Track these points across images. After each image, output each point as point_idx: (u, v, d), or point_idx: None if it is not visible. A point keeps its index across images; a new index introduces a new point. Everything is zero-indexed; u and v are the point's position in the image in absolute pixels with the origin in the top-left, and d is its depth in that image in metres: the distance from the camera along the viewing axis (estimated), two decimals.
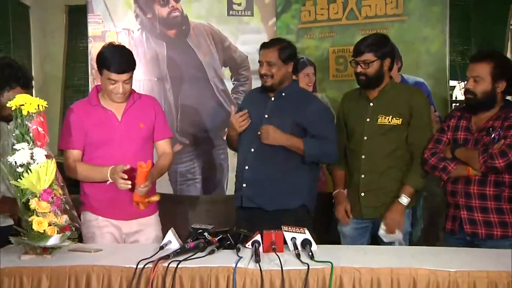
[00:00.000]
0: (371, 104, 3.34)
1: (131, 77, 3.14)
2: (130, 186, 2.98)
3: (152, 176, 3.10)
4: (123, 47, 3.23)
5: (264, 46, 3.41)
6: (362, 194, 3.33)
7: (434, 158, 3.14)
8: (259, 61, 3.40)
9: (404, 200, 3.24)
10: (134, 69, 3.16)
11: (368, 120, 3.33)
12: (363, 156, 3.33)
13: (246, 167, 3.40)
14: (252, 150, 3.39)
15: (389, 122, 3.27)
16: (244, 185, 3.40)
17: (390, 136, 3.28)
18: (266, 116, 3.39)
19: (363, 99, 3.38)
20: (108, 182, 3.04)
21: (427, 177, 3.28)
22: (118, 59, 3.08)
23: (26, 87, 3.14)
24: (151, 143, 3.31)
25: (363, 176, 3.33)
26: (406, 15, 4.22)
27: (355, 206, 3.37)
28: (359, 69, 3.28)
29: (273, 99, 3.42)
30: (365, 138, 3.33)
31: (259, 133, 3.32)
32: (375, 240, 3.36)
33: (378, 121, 3.29)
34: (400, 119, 3.26)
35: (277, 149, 3.31)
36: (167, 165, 3.33)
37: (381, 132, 3.29)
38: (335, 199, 3.49)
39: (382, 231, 3.25)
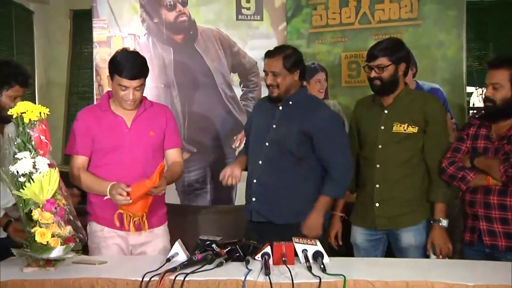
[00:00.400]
0: (386, 111, 3.32)
1: (142, 84, 3.15)
2: (130, 201, 2.96)
3: (165, 179, 3.08)
4: (137, 53, 3.24)
5: (268, 55, 3.38)
6: (377, 204, 3.32)
7: (452, 167, 3.12)
8: (264, 71, 3.39)
9: (444, 222, 3.21)
10: (146, 76, 3.16)
11: (382, 127, 3.31)
12: (377, 165, 3.32)
13: (254, 180, 3.38)
14: (260, 162, 3.37)
15: (404, 130, 3.25)
16: (253, 199, 3.39)
17: (406, 144, 3.26)
18: (274, 126, 3.37)
19: (377, 106, 3.36)
20: (106, 198, 3.03)
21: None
22: (130, 64, 3.08)
23: (25, 85, 3.17)
24: (161, 151, 3.30)
25: (377, 185, 3.32)
26: (421, 19, 4.21)
27: (368, 216, 3.36)
28: (373, 74, 3.26)
29: (280, 108, 3.39)
30: (380, 146, 3.32)
31: (267, 143, 3.32)
32: (390, 252, 3.35)
33: (393, 129, 3.28)
34: (416, 127, 3.24)
35: (285, 160, 3.31)
36: (179, 173, 3.32)
37: (396, 140, 3.27)
38: (330, 220, 3.48)
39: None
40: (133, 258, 3.15)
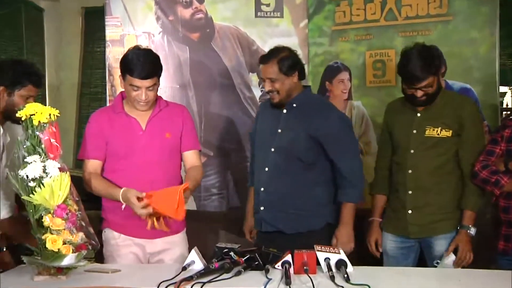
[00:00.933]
0: (418, 114, 3.30)
1: (155, 84, 3.14)
2: (151, 211, 2.95)
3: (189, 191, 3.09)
4: (150, 51, 3.23)
5: (262, 61, 3.36)
6: (410, 211, 3.30)
7: (485, 171, 3.10)
8: (260, 78, 3.39)
9: (472, 230, 3.19)
10: (159, 75, 3.16)
11: (414, 131, 3.29)
12: (409, 171, 3.30)
13: (262, 189, 3.38)
14: (266, 169, 3.38)
15: (438, 134, 3.23)
16: (262, 208, 3.39)
17: (439, 149, 3.24)
18: (280, 130, 3.38)
19: (410, 109, 3.33)
20: (123, 207, 3.03)
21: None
22: (142, 63, 3.07)
23: (38, 85, 3.20)
24: (178, 154, 3.30)
25: (410, 192, 3.31)
26: (450, 16, 4.18)
27: (400, 223, 3.35)
28: (419, 94, 3.20)
29: (285, 111, 3.39)
30: (412, 151, 3.30)
31: (273, 149, 3.33)
32: (423, 261, 3.33)
33: (426, 133, 3.26)
34: (450, 131, 3.22)
35: (293, 166, 3.32)
36: (200, 180, 3.32)
37: (428, 145, 3.25)
38: (369, 226, 3.50)
39: (447, 261, 3.19)
40: (147, 266, 3.17)
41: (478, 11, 4.12)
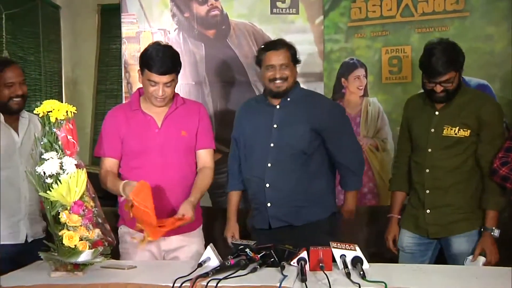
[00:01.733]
0: (437, 113, 3.27)
1: (173, 80, 3.14)
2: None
3: (194, 203, 3.11)
4: (170, 47, 3.21)
5: (272, 47, 3.39)
6: (428, 211, 3.29)
7: (505, 168, 3.07)
8: (267, 65, 3.36)
9: (496, 232, 3.16)
10: (178, 71, 3.16)
11: (432, 130, 3.27)
12: (427, 170, 3.28)
13: (267, 185, 3.38)
14: (269, 165, 3.37)
15: (455, 133, 3.20)
16: (269, 204, 3.38)
17: (457, 149, 3.21)
18: (275, 126, 3.39)
19: (429, 107, 3.31)
20: (122, 199, 3.05)
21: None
22: (161, 58, 3.06)
23: None
24: (193, 152, 3.30)
25: (428, 191, 3.29)
26: (467, 11, 4.17)
27: (419, 222, 3.34)
28: (439, 89, 3.18)
29: (278, 107, 3.41)
30: (429, 150, 3.28)
31: (272, 145, 3.36)
32: (443, 260, 3.32)
33: (444, 132, 3.23)
34: (468, 131, 3.19)
35: (296, 159, 3.33)
36: (208, 184, 3.29)
37: (446, 144, 3.23)
38: (387, 223, 3.52)
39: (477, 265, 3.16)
40: (163, 263, 3.18)
41: (495, 6, 4.11)
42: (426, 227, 3.31)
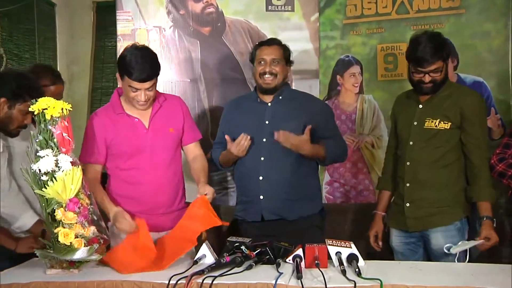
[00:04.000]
0: (420, 106, 3.29)
1: (154, 84, 3.13)
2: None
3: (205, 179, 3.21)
4: (147, 50, 3.18)
5: (265, 43, 3.49)
6: (407, 204, 3.29)
7: (502, 164, 3.08)
8: (259, 60, 3.42)
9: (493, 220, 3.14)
10: (158, 75, 3.15)
11: (415, 123, 3.28)
12: (408, 163, 3.30)
13: (260, 178, 3.40)
14: (262, 159, 3.40)
15: (436, 126, 3.21)
16: (261, 197, 3.40)
17: (437, 141, 3.22)
18: (267, 122, 3.42)
19: (413, 101, 3.33)
20: (110, 224, 3.08)
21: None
22: (141, 65, 3.04)
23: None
24: (180, 147, 3.36)
25: (408, 185, 3.30)
26: (463, 8, 4.16)
27: (400, 217, 3.34)
28: (427, 79, 3.19)
29: (270, 104, 3.45)
30: (411, 143, 3.29)
31: (264, 139, 3.38)
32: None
33: (425, 124, 3.24)
34: (449, 123, 3.19)
35: (288, 154, 3.33)
36: (207, 167, 3.38)
37: (427, 137, 3.24)
38: (372, 219, 3.53)
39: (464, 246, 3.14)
40: None
41: (491, 3, 4.10)
42: (406, 221, 3.31)
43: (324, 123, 3.42)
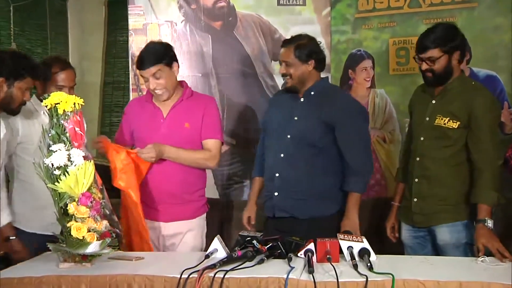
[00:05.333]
0: (433, 101, 3.26)
1: (160, 70, 3.24)
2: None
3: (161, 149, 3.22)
4: (156, 43, 3.42)
5: (282, 44, 3.47)
6: (415, 199, 3.28)
7: None
8: (278, 60, 3.47)
9: (490, 223, 3.04)
10: (165, 62, 3.25)
11: (427, 119, 3.25)
12: (417, 159, 3.28)
13: (277, 174, 3.40)
14: (282, 155, 3.40)
15: (444, 124, 3.17)
16: (276, 193, 3.41)
17: (446, 140, 3.18)
18: (296, 118, 3.41)
19: (428, 95, 3.30)
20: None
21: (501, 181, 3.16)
22: (143, 54, 3.27)
23: (36, 77, 3.24)
24: (199, 145, 3.37)
25: (416, 180, 3.28)
26: (476, 2, 4.14)
27: (409, 212, 3.33)
28: (424, 67, 3.18)
29: (302, 99, 3.44)
30: (422, 138, 3.27)
31: (289, 136, 3.36)
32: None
33: (436, 121, 3.20)
34: (457, 122, 3.13)
35: (308, 152, 3.34)
36: (196, 158, 3.34)
37: (436, 134, 3.20)
38: (389, 211, 3.52)
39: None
40: (170, 254, 3.20)
41: None
42: (413, 216, 3.30)
43: (343, 121, 3.33)
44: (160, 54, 3.26)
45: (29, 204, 3.31)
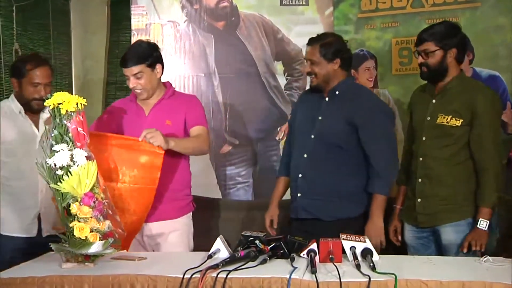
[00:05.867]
0: (434, 101, 3.26)
1: (141, 72, 3.26)
2: None
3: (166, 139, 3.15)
4: (143, 42, 3.41)
5: (308, 42, 3.41)
6: (418, 200, 3.27)
7: None
8: (304, 58, 3.44)
9: (483, 224, 3.08)
10: (142, 63, 3.26)
11: (428, 118, 3.25)
12: (420, 159, 3.27)
13: (300, 175, 3.39)
14: (305, 155, 3.38)
15: (447, 122, 3.17)
16: (299, 194, 3.40)
17: (449, 138, 3.18)
18: (320, 118, 3.38)
19: (428, 94, 3.31)
20: None
21: (505, 180, 3.16)
22: (126, 54, 3.30)
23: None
24: None
25: (419, 180, 3.28)
26: (478, 2, 4.14)
27: (412, 212, 3.33)
28: (420, 60, 3.21)
29: (327, 99, 3.40)
30: (424, 138, 3.27)
31: (312, 136, 3.34)
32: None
33: (437, 120, 3.20)
34: (460, 120, 3.14)
35: (332, 153, 3.32)
36: (196, 143, 3.32)
37: (438, 134, 3.20)
38: (391, 214, 3.50)
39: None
40: (173, 254, 3.19)
41: None
42: (417, 216, 3.29)
43: (367, 121, 3.30)
44: (144, 55, 3.28)
45: (9, 206, 3.32)
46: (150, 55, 3.29)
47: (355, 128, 3.30)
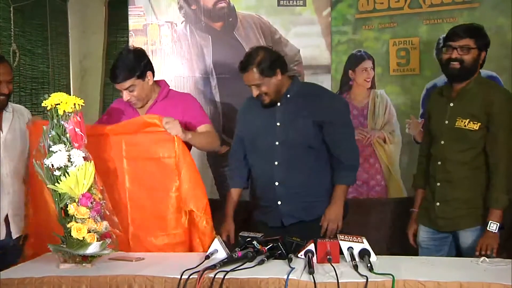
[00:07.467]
0: (451, 104, 3.26)
1: (133, 85, 3.29)
2: None
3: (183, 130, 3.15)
4: (128, 52, 3.38)
5: (241, 69, 3.36)
6: (438, 204, 3.28)
7: None
8: (245, 84, 3.38)
9: (493, 226, 3.09)
10: (132, 76, 3.27)
11: (447, 122, 3.26)
12: (439, 163, 3.28)
13: (276, 183, 3.38)
14: (276, 163, 3.38)
15: (465, 126, 3.18)
16: (279, 202, 3.40)
17: (467, 142, 3.19)
18: (278, 124, 3.39)
19: (445, 98, 3.31)
20: None
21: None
22: (114, 68, 3.29)
23: None
24: None
25: (438, 184, 3.28)
26: (477, 2, 4.14)
27: (431, 215, 3.33)
28: (455, 55, 3.18)
29: (279, 104, 3.40)
30: (442, 142, 3.27)
31: (277, 143, 3.35)
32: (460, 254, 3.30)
33: (456, 124, 3.21)
34: (478, 124, 3.15)
35: (303, 155, 3.34)
36: (209, 140, 3.38)
37: (457, 137, 3.21)
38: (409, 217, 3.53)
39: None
40: (171, 255, 3.18)
41: None
42: (437, 221, 3.30)
43: (333, 117, 3.36)
44: (132, 68, 3.28)
45: None
46: (139, 66, 3.30)
47: (320, 125, 3.33)
